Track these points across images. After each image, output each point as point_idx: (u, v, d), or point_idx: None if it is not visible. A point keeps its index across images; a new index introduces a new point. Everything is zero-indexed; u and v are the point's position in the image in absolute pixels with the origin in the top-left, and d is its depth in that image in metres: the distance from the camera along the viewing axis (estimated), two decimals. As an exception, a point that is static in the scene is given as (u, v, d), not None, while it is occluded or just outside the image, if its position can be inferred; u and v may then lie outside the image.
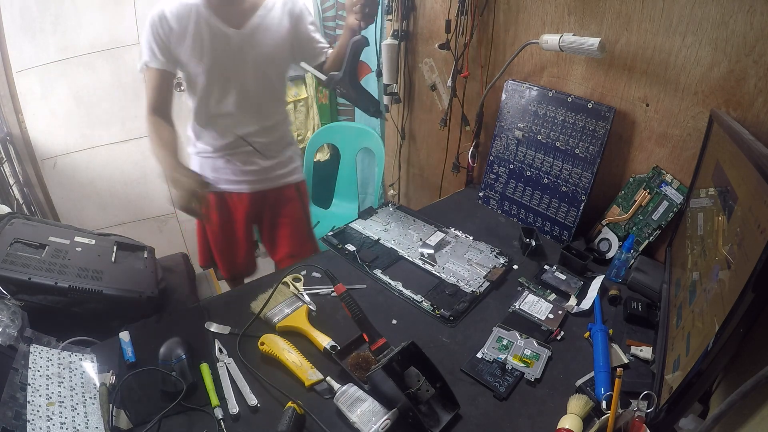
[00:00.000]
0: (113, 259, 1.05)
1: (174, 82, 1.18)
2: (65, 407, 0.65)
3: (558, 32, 1.07)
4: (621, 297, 1.01)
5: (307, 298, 0.96)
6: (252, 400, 0.74)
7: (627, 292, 1.04)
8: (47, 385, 0.67)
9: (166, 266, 1.23)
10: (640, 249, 1.12)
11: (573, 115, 1.18)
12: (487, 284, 1.04)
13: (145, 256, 1.13)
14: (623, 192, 1.16)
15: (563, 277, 1.07)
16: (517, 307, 0.98)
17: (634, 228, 1.14)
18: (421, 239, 1.18)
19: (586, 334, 0.91)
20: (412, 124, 1.80)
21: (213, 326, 0.89)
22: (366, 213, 1.29)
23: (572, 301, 0.99)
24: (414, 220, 1.27)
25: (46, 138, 1.86)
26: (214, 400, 0.73)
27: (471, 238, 1.20)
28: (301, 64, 1.20)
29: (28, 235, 0.99)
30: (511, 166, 1.34)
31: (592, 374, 0.81)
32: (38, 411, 0.62)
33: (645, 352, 0.86)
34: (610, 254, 1.15)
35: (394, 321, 0.93)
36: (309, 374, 0.77)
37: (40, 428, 0.60)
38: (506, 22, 1.33)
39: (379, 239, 1.17)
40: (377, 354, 0.78)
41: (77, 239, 1.06)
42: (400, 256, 1.11)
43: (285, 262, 1.37)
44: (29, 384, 0.65)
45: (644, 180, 1.13)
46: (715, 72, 0.95)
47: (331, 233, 1.18)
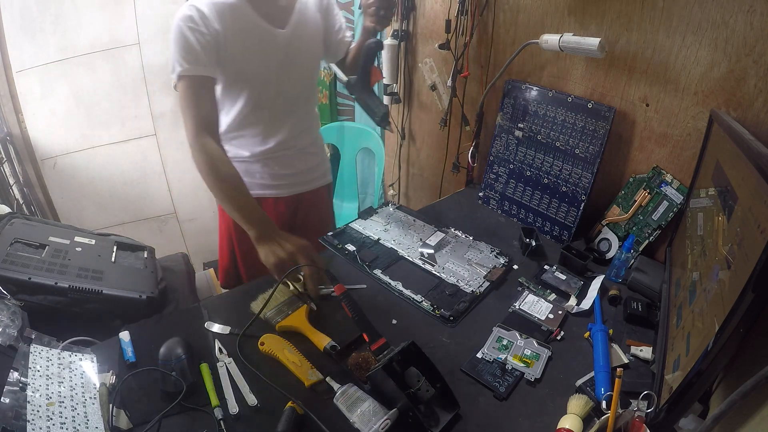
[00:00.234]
0: (113, 259, 1.05)
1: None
2: (65, 407, 0.65)
3: (558, 32, 1.07)
4: (621, 297, 1.01)
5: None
6: (252, 400, 0.74)
7: (627, 292, 1.04)
8: (47, 385, 0.67)
9: (166, 266, 1.23)
10: (640, 249, 1.12)
11: (573, 115, 1.18)
12: (487, 284, 1.04)
13: (145, 256, 1.13)
14: (623, 192, 1.16)
15: (563, 277, 1.07)
16: (517, 307, 0.98)
17: (634, 228, 1.14)
18: (421, 239, 1.18)
19: (586, 334, 0.91)
20: (412, 124, 1.80)
21: (213, 326, 0.89)
22: (366, 213, 1.29)
23: (572, 301, 0.99)
24: (414, 220, 1.27)
25: (46, 138, 1.86)
26: (214, 400, 0.73)
27: (471, 238, 1.20)
28: (331, 66, 1.18)
29: (28, 235, 0.99)
30: (511, 166, 1.34)
31: (592, 374, 0.81)
32: (38, 411, 0.62)
33: (645, 352, 0.86)
34: (610, 254, 1.15)
35: (394, 321, 0.93)
36: (309, 374, 0.77)
37: (40, 428, 0.60)
38: (506, 22, 1.33)
39: (379, 239, 1.17)
40: (377, 354, 0.78)
41: (77, 239, 1.06)
42: (400, 256, 1.11)
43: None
44: (29, 384, 0.65)
45: (644, 180, 1.13)
46: (715, 72, 0.95)
47: (331, 233, 1.18)
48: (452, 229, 1.23)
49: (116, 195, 2.07)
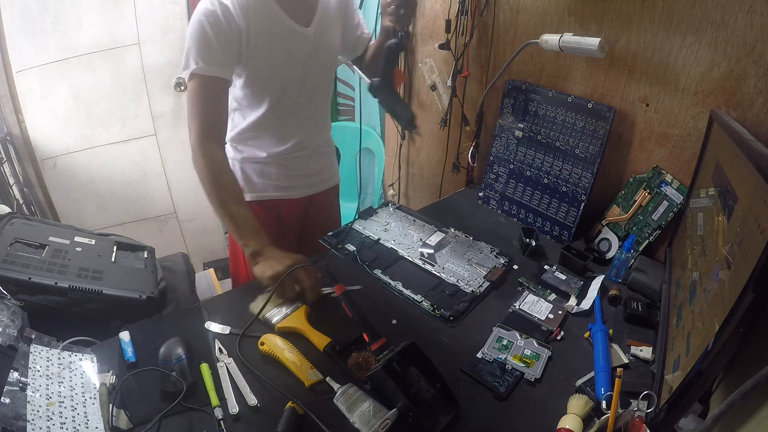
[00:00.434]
0: (113, 259, 1.05)
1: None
2: (65, 407, 0.65)
3: (558, 32, 1.07)
4: (621, 297, 1.01)
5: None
6: (252, 400, 0.74)
7: (627, 292, 1.04)
8: (47, 385, 0.67)
9: (166, 266, 1.22)
10: (640, 249, 1.12)
11: (573, 115, 1.18)
12: (487, 284, 1.04)
13: (145, 256, 1.13)
14: (623, 192, 1.16)
15: (563, 277, 1.07)
16: (517, 307, 0.98)
17: (634, 228, 1.14)
18: (421, 239, 1.18)
19: (586, 334, 0.91)
20: (412, 124, 1.80)
21: (213, 326, 0.89)
22: (366, 213, 1.29)
23: (572, 301, 0.99)
24: (414, 220, 1.27)
25: (46, 138, 1.86)
26: (214, 400, 0.73)
27: (471, 238, 1.20)
28: (354, 68, 1.15)
29: (28, 235, 0.99)
30: (511, 166, 1.34)
31: (592, 374, 0.81)
32: (38, 411, 0.62)
33: (645, 352, 0.86)
34: (610, 254, 1.15)
35: (394, 321, 0.93)
36: (309, 374, 0.77)
37: (40, 428, 0.60)
38: (506, 22, 1.33)
39: (379, 239, 1.17)
40: (377, 354, 0.78)
41: (77, 239, 1.06)
42: (400, 256, 1.11)
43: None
44: (29, 384, 0.65)
45: (644, 180, 1.13)
46: (715, 72, 0.95)
47: (331, 233, 1.18)
48: (452, 229, 1.23)
49: (116, 195, 2.07)
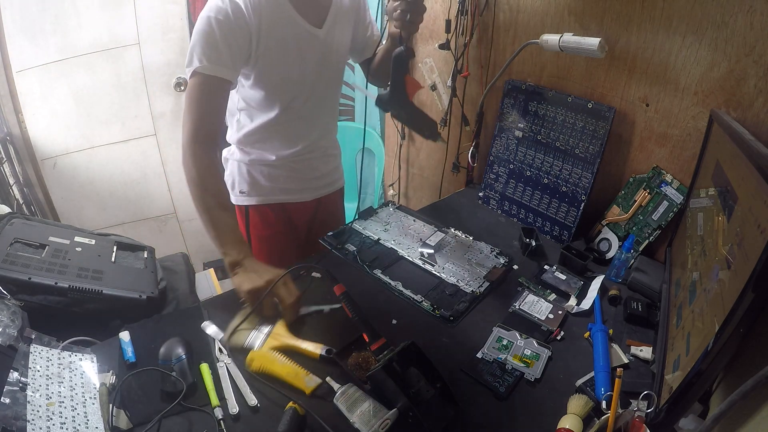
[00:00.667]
0: (113, 259, 1.05)
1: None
2: (65, 407, 0.65)
3: (558, 32, 1.07)
4: (621, 297, 1.01)
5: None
6: (252, 400, 0.73)
7: (627, 292, 1.04)
8: (47, 385, 0.67)
9: (166, 266, 1.22)
10: (640, 249, 1.12)
11: (573, 115, 1.18)
12: (487, 284, 1.04)
13: (145, 256, 1.13)
14: (623, 192, 1.16)
15: (563, 277, 1.07)
16: (517, 307, 0.98)
17: (634, 228, 1.14)
18: (421, 239, 1.18)
19: (586, 334, 0.91)
20: (412, 124, 1.80)
21: (209, 329, 0.87)
22: (366, 213, 1.29)
23: (572, 301, 0.99)
24: (414, 220, 1.27)
25: (46, 138, 1.86)
26: (214, 400, 0.73)
27: (471, 238, 1.20)
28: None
29: (28, 235, 0.99)
30: (511, 166, 1.34)
31: (592, 374, 0.81)
32: (38, 411, 0.62)
33: (645, 352, 0.86)
34: (610, 254, 1.15)
35: (394, 321, 0.93)
36: (306, 381, 0.76)
37: (40, 428, 0.60)
38: (506, 22, 1.33)
39: (379, 239, 1.17)
40: (377, 354, 0.78)
41: (77, 239, 1.05)
42: (400, 256, 1.11)
43: None
44: (29, 384, 0.65)
45: (644, 180, 1.13)
46: (715, 72, 0.95)
47: (331, 233, 1.18)
48: (452, 229, 1.23)
49: (116, 195, 2.07)
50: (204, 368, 0.78)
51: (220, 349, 0.83)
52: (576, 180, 1.19)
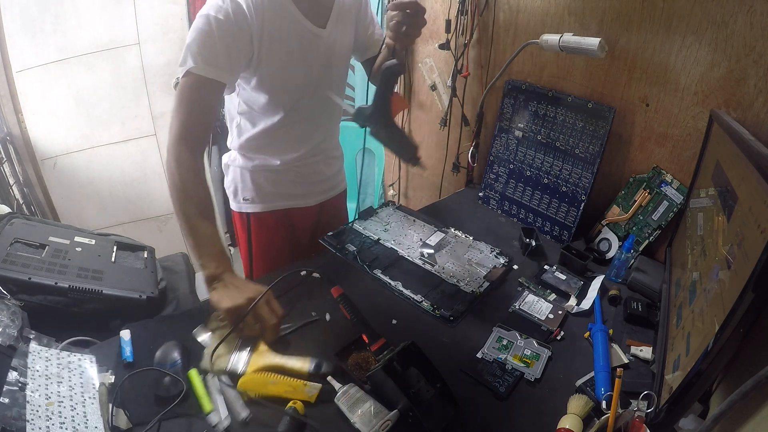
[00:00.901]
0: (113, 259, 1.05)
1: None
2: (64, 407, 0.65)
3: (558, 32, 1.07)
4: (621, 297, 1.01)
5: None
6: (243, 413, 0.70)
7: (627, 292, 1.04)
8: (47, 385, 0.66)
9: (166, 266, 1.22)
10: (640, 249, 1.12)
11: (573, 115, 1.18)
12: (487, 284, 1.04)
13: (145, 256, 1.13)
14: (623, 192, 1.16)
15: (563, 277, 1.07)
16: (517, 307, 0.98)
17: (634, 228, 1.14)
18: (421, 239, 1.18)
19: (586, 334, 0.91)
20: (412, 124, 1.80)
21: (200, 336, 0.83)
22: (366, 213, 1.29)
23: (572, 301, 0.99)
24: (414, 220, 1.27)
25: (46, 138, 1.86)
26: (207, 406, 0.70)
27: (471, 238, 1.20)
28: (330, 95, 1.01)
29: (28, 235, 0.99)
30: (511, 166, 1.34)
31: (592, 374, 0.81)
32: (38, 411, 0.62)
33: (645, 352, 0.86)
34: (610, 254, 1.15)
35: (394, 321, 0.93)
36: (307, 391, 0.75)
37: (40, 428, 0.60)
38: (506, 22, 1.33)
39: (379, 239, 1.17)
40: (377, 354, 0.78)
41: (77, 239, 1.06)
42: (400, 256, 1.11)
43: None
44: (29, 384, 0.65)
45: (644, 180, 1.12)
46: (715, 72, 0.95)
47: (331, 233, 1.18)
48: (452, 229, 1.23)
49: (116, 195, 2.07)
50: (193, 374, 0.75)
51: (204, 371, 0.77)
52: (576, 180, 1.19)
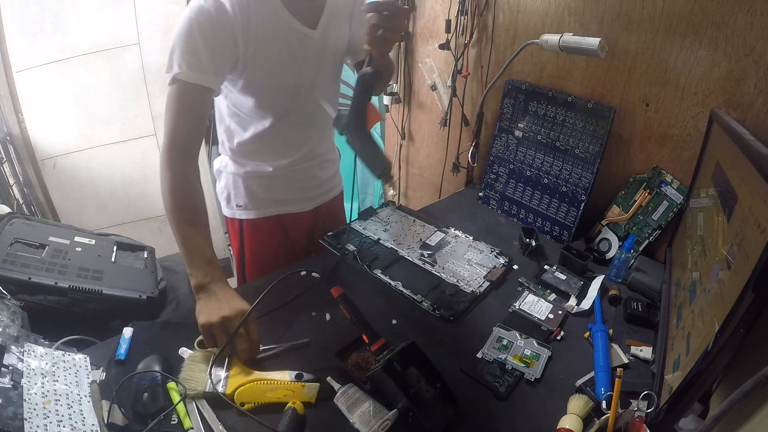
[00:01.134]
0: (113, 259, 1.05)
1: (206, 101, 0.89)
2: (61, 405, 0.65)
3: (558, 32, 1.07)
4: (621, 297, 1.01)
5: None
6: None
7: (627, 292, 1.04)
8: (42, 383, 0.67)
9: (166, 266, 1.23)
10: (640, 249, 1.12)
11: (573, 115, 1.18)
12: (487, 284, 1.04)
13: (145, 256, 1.13)
14: (623, 192, 1.16)
15: (563, 277, 1.07)
16: (517, 307, 0.98)
17: (634, 228, 1.14)
18: (421, 239, 1.18)
19: (586, 334, 0.91)
20: (412, 124, 1.80)
21: (187, 354, 0.79)
22: (366, 213, 1.29)
23: (572, 301, 0.99)
24: (414, 220, 1.27)
25: (46, 138, 1.86)
26: (186, 423, 0.68)
27: (471, 238, 1.20)
28: (322, 102, 0.95)
29: (28, 235, 0.99)
30: (511, 166, 1.34)
31: (592, 374, 0.81)
32: (35, 409, 0.62)
33: (645, 352, 0.86)
34: (610, 254, 1.15)
35: (394, 321, 0.93)
36: (306, 392, 0.74)
37: (38, 426, 0.60)
38: (506, 22, 1.33)
39: (379, 239, 1.17)
40: (377, 354, 0.78)
41: (77, 239, 1.06)
42: (400, 256, 1.11)
43: None
44: (24, 383, 0.65)
45: (644, 180, 1.12)
46: (715, 72, 0.95)
47: (331, 233, 1.18)
48: (452, 229, 1.23)
49: (116, 195, 2.07)
50: (172, 388, 0.72)
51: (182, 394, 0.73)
52: (576, 180, 1.19)
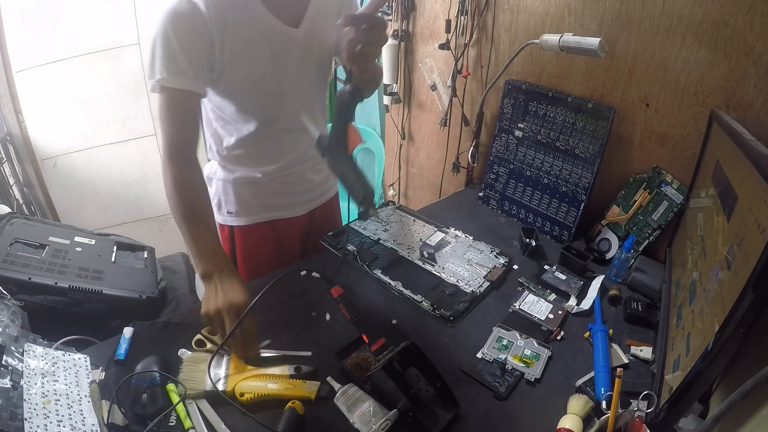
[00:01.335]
0: (113, 259, 1.05)
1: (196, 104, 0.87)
2: (61, 405, 0.65)
3: (558, 32, 1.07)
4: (621, 297, 1.01)
5: None
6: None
7: (627, 292, 1.04)
8: (42, 383, 0.67)
9: (166, 266, 1.23)
10: (640, 249, 1.12)
11: (573, 115, 1.18)
12: (487, 284, 1.04)
13: (145, 256, 1.13)
14: (623, 192, 1.16)
15: (563, 277, 1.07)
16: (517, 307, 0.98)
17: (634, 228, 1.14)
18: (421, 239, 1.18)
19: (586, 334, 0.91)
20: (412, 124, 1.80)
21: (186, 354, 0.79)
22: (366, 213, 1.29)
23: (572, 301, 0.99)
24: (414, 220, 1.27)
25: (46, 138, 1.86)
26: (187, 423, 0.68)
27: (471, 238, 1.20)
28: (302, 119, 0.86)
29: (28, 235, 0.99)
30: (511, 166, 1.34)
31: (592, 374, 0.81)
32: (35, 409, 0.62)
33: (645, 352, 0.86)
34: (610, 254, 1.15)
35: (394, 321, 0.93)
36: (307, 388, 0.74)
37: (38, 426, 0.60)
38: (506, 22, 1.33)
39: (379, 239, 1.17)
40: (377, 354, 0.78)
41: (77, 239, 1.06)
42: (400, 256, 1.11)
43: None
44: (24, 383, 0.65)
45: (644, 180, 1.13)
46: (715, 72, 0.95)
47: (331, 233, 1.18)
48: (452, 229, 1.23)
49: (116, 195, 2.07)
50: (171, 389, 0.72)
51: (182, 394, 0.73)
52: (576, 180, 1.19)
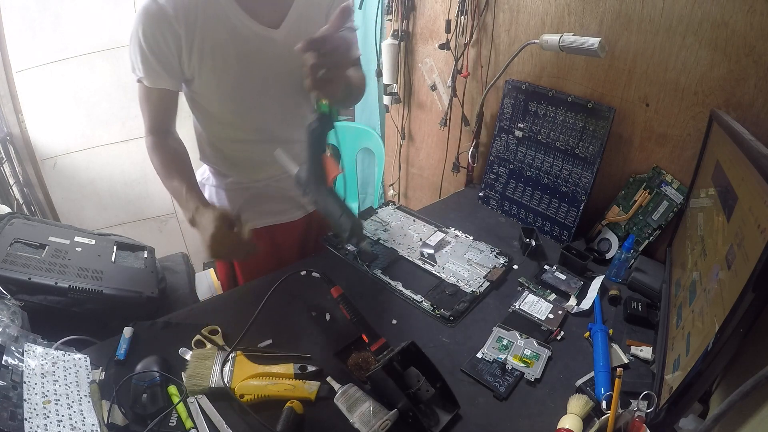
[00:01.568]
0: (113, 259, 1.05)
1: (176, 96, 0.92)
2: (61, 405, 0.65)
3: (558, 32, 1.07)
4: (621, 297, 1.01)
5: None
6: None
7: (627, 292, 1.04)
8: (42, 384, 0.66)
9: (166, 266, 1.23)
10: (640, 249, 1.12)
11: (573, 115, 1.18)
12: (487, 284, 1.04)
13: (145, 256, 1.13)
14: (623, 192, 1.16)
15: (563, 277, 1.07)
16: (517, 307, 0.98)
17: (634, 228, 1.14)
18: (421, 239, 1.18)
19: (586, 334, 0.91)
20: (412, 124, 1.80)
21: (188, 354, 0.80)
22: (366, 213, 1.29)
23: (572, 301, 0.99)
24: (414, 220, 1.27)
25: (46, 138, 1.86)
26: (188, 423, 0.68)
27: (471, 238, 1.20)
28: (276, 153, 0.79)
29: (28, 235, 0.99)
30: (511, 166, 1.34)
31: (592, 374, 0.81)
32: (35, 410, 0.62)
33: (645, 352, 0.86)
34: (610, 254, 1.15)
35: (394, 321, 0.93)
36: (307, 388, 0.74)
37: (38, 426, 0.60)
38: (506, 22, 1.33)
39: (379, 239, 1.17)
40: (377, 354, 0.78)
41: (77, 239, 1.06)
42: (400, 256, 1.11)
43: None
44: (25, 383, 0.65)
45: (644, 180, 1.12)
46: (715, 72, 0.95)
47: (331, 233, 1.18)
48: (452, 229, 1.23)
49: (116, 195, 2.07)
50: (173, 390, 0.72)
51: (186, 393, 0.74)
52: (576, 180, 1.19)
